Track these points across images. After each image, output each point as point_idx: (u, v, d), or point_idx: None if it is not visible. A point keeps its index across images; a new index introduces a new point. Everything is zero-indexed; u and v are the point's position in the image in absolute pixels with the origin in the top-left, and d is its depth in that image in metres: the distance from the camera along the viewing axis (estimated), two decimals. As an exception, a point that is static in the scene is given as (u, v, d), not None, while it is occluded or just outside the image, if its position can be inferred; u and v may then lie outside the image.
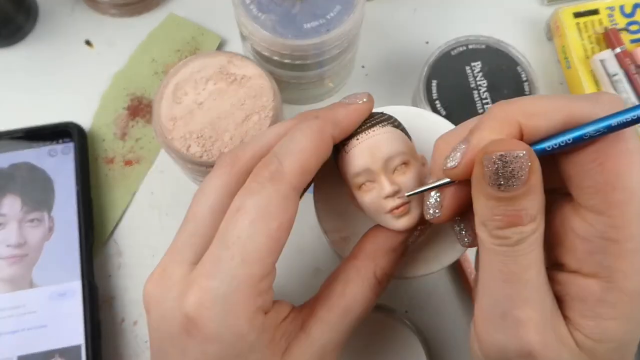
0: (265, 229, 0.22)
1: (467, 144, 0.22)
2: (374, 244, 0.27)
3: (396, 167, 0.26)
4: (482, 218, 0.21)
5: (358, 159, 0.26)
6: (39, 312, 0.38)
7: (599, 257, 0.21)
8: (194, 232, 0.24)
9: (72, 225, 0.40)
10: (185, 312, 0.22)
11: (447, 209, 0.24)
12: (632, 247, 0.20)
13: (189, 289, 0.22)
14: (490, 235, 0.21)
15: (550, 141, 0.21)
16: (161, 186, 0.44)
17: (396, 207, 0.26)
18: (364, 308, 0.26)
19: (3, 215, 0.40)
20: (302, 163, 0.24)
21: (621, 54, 0.43)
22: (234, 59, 0.37)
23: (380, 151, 0.26)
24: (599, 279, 0.21)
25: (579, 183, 0.21)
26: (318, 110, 0.26)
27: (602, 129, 0.20)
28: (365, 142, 0.26)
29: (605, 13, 0.45)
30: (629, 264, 0.20)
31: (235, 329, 0.22)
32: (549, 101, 0.21)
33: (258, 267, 0.22)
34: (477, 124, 0.22)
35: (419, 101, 0.41)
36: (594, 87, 0.43)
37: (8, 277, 0.39)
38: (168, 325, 0.23)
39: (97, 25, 0.49)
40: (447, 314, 0.40)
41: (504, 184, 0.20)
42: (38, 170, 0.41)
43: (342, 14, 0.37)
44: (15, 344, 0.37)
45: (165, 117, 0.36)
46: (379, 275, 0.26)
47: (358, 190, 0.27)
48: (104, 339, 0.39)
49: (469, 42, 0.43)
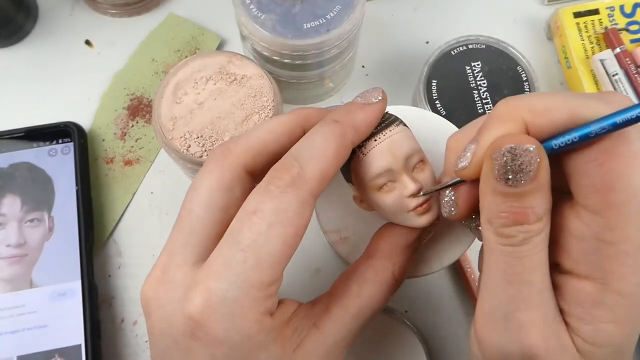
0: (283, 234, 0.22)
1: (476, 144, 0.22)
2: (389, 243, 0.27)
3: (415, 164, 0.26)
4: (488, 215, 0.21)
5: (379, 159, 0.25)
6: (39, 312, 0.38)
7: (594, 258, 0.21)
8: (190, 231, 0.24)
9: (72, 225, 0.40)
10: (190, 314, 0.22)
11: (462, 207, 0.24)
12: (627, 249, 0.20)
13: (193, 291, 0.22)
14: (496, 234, 0.21)
15: (557, 139, 0.21)
16: (161, 186, 0.44)
17: (420, 205, 0.26)
18: (378, 307, 0.26)
19: (3, 215, 0.40)
20: (323, 169, 0.23)
21: (621, 54, 0.43)
22: (234, 58, 0.37)
23: (401, 149, 0.26)
24: (593, 280, 0.21)
25: (578, 181, 0.21)
26: (336, 113, 0.25)
27: (607, 126, 0.19)
28: (384, 142, 0.26)
29: (605, 13, 0.45)
30: (624, 266, 0.20)
31: (244, 332, 0.22)
32: (556, 99, 0.21)
33: (270, 272, 0.22)
34: (484, 122, 0.22)
35: (419, 101, 0.41)
36: (594, 87, 0.43)
37: (8, 277, 0.39)
38: (172, 328, 0.22)
39: (97, 25, 0.49)
40: (447, 314, 0.40)
41: (512, 178, 0.20)
42: (38, 170, 0.41)
43: (342, 14, 0.37)
44: (15, 344, 0.37)
45: (165, 117, 0.36)
46: (397, 273, 0.26)
47: (378, 192, 0.26)
48: (104, 339, 0.39)
49: (469, 42, 0.43)
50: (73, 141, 0.42)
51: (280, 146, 0.25)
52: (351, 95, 0.46)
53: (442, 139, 0.32)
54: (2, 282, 0.39)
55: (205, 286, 0.22)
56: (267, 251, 0.22)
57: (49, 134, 0.42)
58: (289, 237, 0.22)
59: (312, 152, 0.23)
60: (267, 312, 0.22)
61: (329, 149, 0.24)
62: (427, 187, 0.26)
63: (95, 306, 0.39)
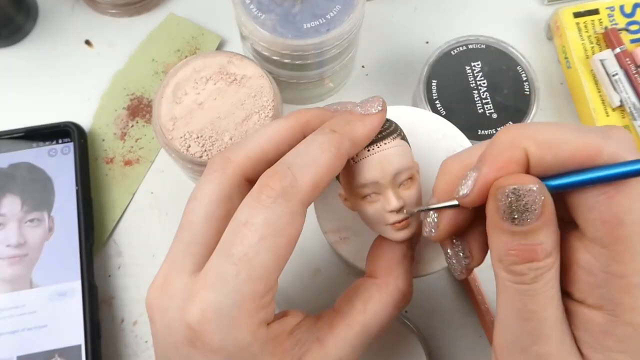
0: (274, 246, 0.22)
1: (477, 172, 0.22)
2: (385, 260, 0.27)
3: (403, 181, 0.26)
4: (498, 253, 0.21)
5: (368, 171, 0.26)
6: (39, 312, 0.38)
7: (603, 291, 0.21)
8: (190, 241, 0.24)
9: (72, 225, 0.40)
10: (189, 323, 0.22)
11: (442, 230, 0.24)
12: (637, 281, 0.20)
13: (191, 300, 0.22)
14: (507, 271, 0.21)
15: (562, 179, 0.21)
16: (161, 186, 0.44)
17: (398, 221, 0.26)
18: (384, 323, 0.26)
19: (3, 215, 0.40)
20: (316, 180, 0.23)
21: (621, 53, 0.43)
22: (233, 58, 0.37)
23: (391, 165, 0.26)
24: (604, 311, 0.21)
25: (585, 214, 0.21)
26: (335, 122, 0.25)
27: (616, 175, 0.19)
28: (376, 155, 0.26)
29: (605, 13, 0.45)
30: (634, 298, 0.20)
31: (239, 342, 0.22)
32: (559, 132, 0.21)
33: (263, 283, 0.22)
34: (486, 149, 0.22)
35: (419, 101, 0.41)
36: (594, 87, 0.43)
37: (8, 277, 0.39)
38: (172, 335, 0.23)
39: (97, 25, 0.49)
40: (447, 314, 0.40)
41: (517, 217, 0.20)
42: (38, 170, 0.41)
43: (342, 14, 0.37)
44: (15, 344, 0.37)
45: (165, 117, 0.36)
46: (402, 286, 0.26)
47: (361, 200, 0.26)
48: (104, 339, 0.39)
49: (469, 42, 0.43)
50: (73, 141, 0.42)
51: (279, 153, 0.25)
52: (351, 95, 0.46)
53: (442, 140, 0.32)
54: (2, 282, 0.39)
55: (201, 297, 0.22)
56: (259, 263, 0.22)
57: (49, 134, 0.42)
58: (280, 247, 0.22)
59: (307, 161, 0.23)
60: (262, 322, 0.23)
61: (324, 159, 0.24)
62: (411, 205, 0.26)
63: (96, 306, 0.39)
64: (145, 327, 0.40)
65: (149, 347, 0.39)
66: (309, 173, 0.23)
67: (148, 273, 0.41)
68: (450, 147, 0.32)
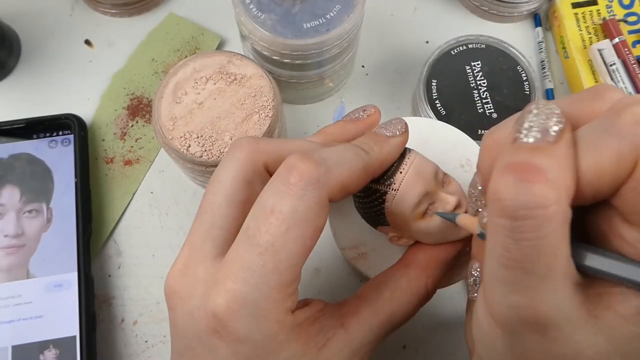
0: (301, 236, 0.21)
1: None
2: (428, 255, 0.27)
3: (442, 180, 0.26)
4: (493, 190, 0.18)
5: (413, 187, 0.25)
6: (35, 302, 0.38)
7: None
8: (211, 223, 0.23)
9: (70, 217, 0.40)
10: (214, 312, 0.22)
11: None
12: None
13: (216, 289, 0.22)
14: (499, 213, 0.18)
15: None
16: (161, 186, 0.43)
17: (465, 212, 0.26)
18: (406, 317, 0.26)
19: (2, 205, 0.40)
20: (346, 181, 0.23)
21: (620, 44, 0.43)
22: (233, 58, 0.37)
23: (427, 171, 0.26)
24: None
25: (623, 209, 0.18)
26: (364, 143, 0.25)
27: None
28: (411, 170, 0.26)
29: (603, 4, 0.45)
30: None
31: (265, 332, 0.22)
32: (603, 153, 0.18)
33: (289, 273, 0.22)
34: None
35: (419, 101, 0.41)
36: (591, 77, 0.43)
37: (5, 267, 0.39)
38: (195, 323, 0.22)
39: (97, 25, 0.49)
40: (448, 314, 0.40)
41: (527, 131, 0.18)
42: (37, 161, 0.42)
43: (342, 14, 0.37)
44: (10, 334, 0.37)
45: (165, 117, 0.36)
46: (430, 286, 0.26)
47: (422, 220, 0.26)
48: (104, 338, 0.39)
49: (469, 41, 0.43)
50: (73, 133, 0.42)
51: None
52: (351, 95, 0.46)
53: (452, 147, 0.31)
54: (-1, 273, 0.39)
55: (227, 287, 0.21)
56: (285, 254, 0.21)
57: (49, 125, 0.42)
58: (307, 238, 0.22)
59: (341, 161, 0.23)
60: (288, 310, 0.22)
61: (358, 165, 0.23)
62: (462, 195, 0.26)
63: (91, 298, 0.39)
64: (145, 327, 0.40)
65: (149, 346, 0.39)
66: (342, 171, 0.23)
67: (148, 273, 0.41)
68: (462, 156, 0.31)
